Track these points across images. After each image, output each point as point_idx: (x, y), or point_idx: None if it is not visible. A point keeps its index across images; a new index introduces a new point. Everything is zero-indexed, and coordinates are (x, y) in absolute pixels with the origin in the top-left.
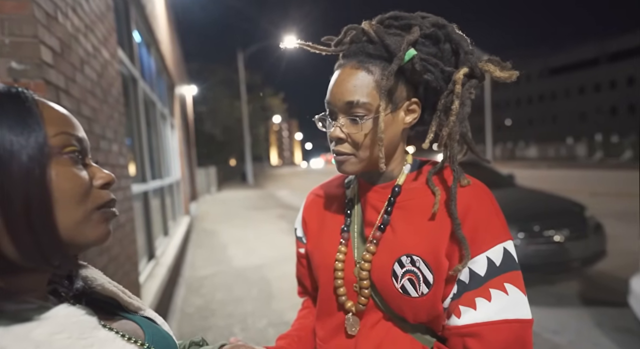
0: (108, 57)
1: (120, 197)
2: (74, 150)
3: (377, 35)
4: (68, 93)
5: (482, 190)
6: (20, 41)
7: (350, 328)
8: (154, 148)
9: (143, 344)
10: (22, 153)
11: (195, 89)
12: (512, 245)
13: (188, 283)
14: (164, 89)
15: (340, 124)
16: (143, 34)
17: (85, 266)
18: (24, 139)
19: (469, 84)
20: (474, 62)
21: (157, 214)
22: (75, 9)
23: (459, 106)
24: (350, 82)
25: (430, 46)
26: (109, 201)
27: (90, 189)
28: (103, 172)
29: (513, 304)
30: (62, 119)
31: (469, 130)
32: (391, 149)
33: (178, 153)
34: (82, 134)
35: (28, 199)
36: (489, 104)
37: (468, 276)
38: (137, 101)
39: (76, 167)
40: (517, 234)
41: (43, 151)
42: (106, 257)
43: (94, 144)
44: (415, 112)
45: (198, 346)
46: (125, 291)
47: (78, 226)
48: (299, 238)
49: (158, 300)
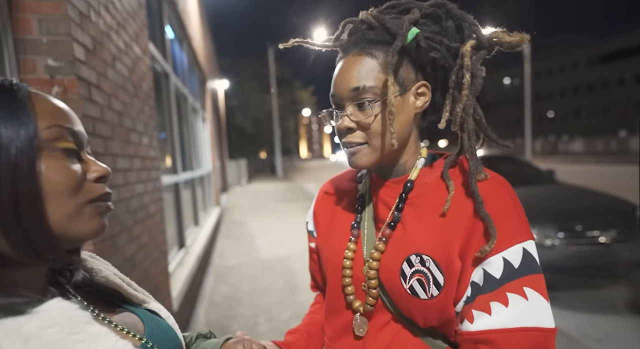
0: (139, 53)
1: (150, 188)
2: (67, 143)
3: (377, 20)
4: (99, 88)
5: (501, 184)
6: (56, 40)
7: (357, 329)
8: (185, 141)
9: (141, 339)
10: (11, 146)
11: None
12: (534, 246)
13: (217, 271)
14: (196, 83)
15: (349, 113)
16: (176, 30)
17: (92, 258)
18: (13, 131)
19: (478, 55)
20: (479, 32)
21: (187, 204)
22: (107, 7)
23: (470, 79)
24: (355, 69)
25: (432, 25)
26: (102, 194)
27: (83, 182)
28: (98, 165)
29: (533, 310)
30: (55, 112)
31: (483, 117)
32: (404, 136)
33: (209, 146)
34: (77, 127)
35: (16, 193)
36: (528, 94)
37: (482, 277)
38: (168, 95)
39: (68, 161)
40: (556, 233)
41: (32, 143)
42: (135, 245)
43: (124, 137)
44: (425, 95)
45: (205, 338)
46: (132, 283)
47: (70, 219)
48: (310, 232)
49: (187, 288)
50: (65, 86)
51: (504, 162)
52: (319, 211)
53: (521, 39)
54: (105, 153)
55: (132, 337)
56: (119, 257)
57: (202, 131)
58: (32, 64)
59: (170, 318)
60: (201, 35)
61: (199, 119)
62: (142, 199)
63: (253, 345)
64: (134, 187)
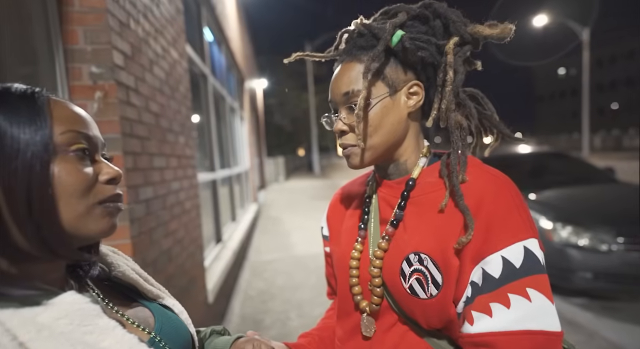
0: (177, 56)
1: (186, 185)
2: (81, 147)
3: (365, 27)
4: (137, 92)
5: (500, 182)
6: (98, 48)
7: (365, 329)
8: (222, 140)
9: (150, 333)
10: (28, 150)
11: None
12: (536, 244)
13: (253, 266)
14: (234, 83)
15: (342, 116)
16: (214, 32)
17: (114, 253)
18: (30, 136)
19: (463, 50)
20: (462, 29)
21: (225, 201)
22: (146, 15)
23: (453, 75)
24: (345, 75)
25: (420, 26)
26: (112, 195)
27: (94, 184)
28: (110, 168)
29: (537, 312)
30: (71, 118)
31: (494, 112)
32: (397, 135)
33: (247, 144)
34: (93, 132)
35: (30, 193)
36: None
37: (481, 277)
38: (207, 96)
39: (81, 164)
40: (614, 238)
41: (47, 147)
42: (171, 239)
43: (160, 137)
44: (418, 94)
45: (219, 334)
46: (149, 278)
47: (80, 219)
48: (324, 237)
49: (223, 281)
50: (106, 91)
51: (554, 159)
52: (331, 215)
53: (502, 30)
54: (142, 152)
55: (141, 331)
56: (155, 250)
57: (239, 129)
58: (79, 71)
59: (183, 313)
60: (239, 37)
61: (236, 118)
62: (178, 195)
63: (262, 346)
64: (170, 184)
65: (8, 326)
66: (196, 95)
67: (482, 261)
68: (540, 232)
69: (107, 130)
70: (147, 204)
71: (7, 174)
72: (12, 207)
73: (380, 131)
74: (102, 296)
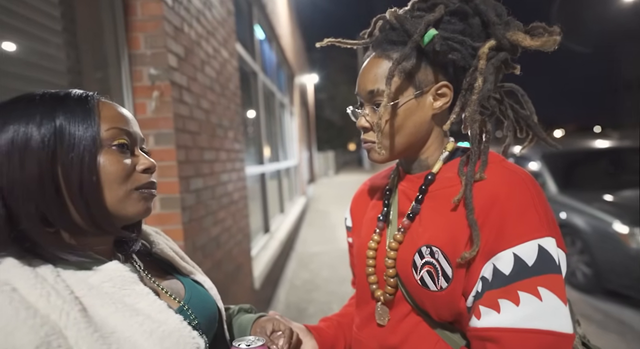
0: (227, 56)
1: (234, 178)
2: (122, 142)
3: (397, 21)
4: (189, 90)
5: (518, 178)
6: (156, 52)
7: (379, 317)
8: (271, 134)
9: (179, 302)
10: (80, 144)
11: (315, 78)
12: (553, 243)
13: (299, 257)
14: (284, 79)
15: (365, 113)
16: (265, 30)
17: (156, 233)
18: (82, 133)
19: (497, 57)
20: (500, 33)
21: (273, 193)
22: (199, 19)
23: (482, 83)
24: (372, 71)
25: (457, 23)
26: (147, 183)
27: (132, 173)
28: (146, 159)
29: (548, 312)
30: (115, 117)
31: (533, 112)
32: (419, 136)
33: (296, 139)
34: (133, 129)
35: (82, 179)
36: None
37: (491, 273)
38: (256, 93)
39: (122, 155)
40: None
41: (95, 142)
42: (219, 227)
43: (211, 132)
44: (446, 96)
45: (247, 312)
46: (184, 257)
47: (120, 202)
48: (347, 228)
49: (269, 269)
50: (162, 91)
51: (633, 155)
52: (355, 207)
53: (544, 43)
54: (193, 146)
55: (173, 299)
56: (204, 236)
57: (289, 124)
58: (140, 73)
59: (212, 289)
60: (290, 33)
61: (286, 113)
62: (227, 187)
63: (281, 325)
64: (219, 176)
65: (68, 283)
66: (246, 92)
67: (493, 257)
68: (613, 237)
69: (162, 126)
70: (197, 194)
71: (66, 164)
72: (69, 190)
73: (402, 132)
74: (143, 268)
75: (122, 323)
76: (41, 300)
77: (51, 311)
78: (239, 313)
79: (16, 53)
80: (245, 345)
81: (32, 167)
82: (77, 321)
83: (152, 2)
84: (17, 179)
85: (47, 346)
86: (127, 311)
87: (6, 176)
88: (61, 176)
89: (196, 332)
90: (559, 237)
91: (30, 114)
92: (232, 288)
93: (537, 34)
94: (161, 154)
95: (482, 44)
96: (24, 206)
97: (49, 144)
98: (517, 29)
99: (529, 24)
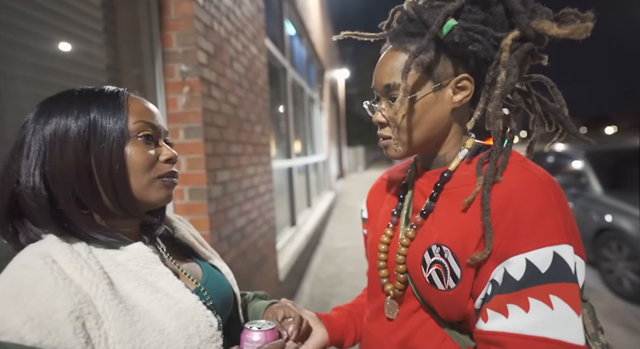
0: (256, 52)
1: (260, 171)
2: (147, 133)
3: (415, 11)
4: (218, 86)
5: (537, 181)
6: (187, 49)
7: (388, 311)
8: (300, 129)
9: (197, 283)
10: (111, 135)
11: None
12: (570, 251)
13: (325, 252)
14: (314, 74)
15: (382, 108)
16: (296, 26)
17: (179, 220)
18: (112, 126)
19: (521, 49)
20: (524, 22)
21: (301, 187)
22: (228, 16)
23: (505, 77)
24: (389, 65)
25: (479, 12)
26: (169, 172)
27: (155, 162)
28: (169, 150)
29: (559, 321)
30: (142, 111)
31: (564, 105)
32: (438, 131)
33: (325, 134)
34: (157, 122)
35: (111, 167)
36: None
37: (502, 277)
38: (285, 88)
39: (147, 146)
40: None
41: (123, 134)
42: (245, 219)
43: (238, 126)
44: (466, 89)
45: (261, 299)
46: (204, 243)
47: (144, 189)
48: (363, 219)
49: (294, 262)
50: (192, 86)
51: None
52: (371, 199)
53: (572, 31)
54: (221, 140)
55: (191, 281)
56: (230, 227)
57: (318, 119)
58: (172, 70)
59: (229, 275)
60: (321, 28)
61: (315, 108)
62: (253, 180)
63: (291, 312)
64: (246, 169)
65: (98, 259)
66: (275, 87)
67: (504, 261)
68: None
69: (192, 120)
70: (223, 186)
71: (98, 153)
72: (100, 176)
73: (419, 127)
74: (165, 251)
75: (143, 298)
76: (75, 272)
77: (83, 282)
78: (254, 299)
79: (64, 53)
80: (257, 328)
81: (70, 155)
82: (104, 292)
83: (184, 1)
84: (58, 166)
85: (79, 312)
86: (148, 288)
87: (49, 162)
88: (94, 164)
89: (210, 312)
90: (578, 245)
91: (69, 108)
92: (256, 278)
93: (567, 20)
94: (190, 147)
95: (505, 35)
96: (62, 189)
97: (84, 135)
98: (544, 17)
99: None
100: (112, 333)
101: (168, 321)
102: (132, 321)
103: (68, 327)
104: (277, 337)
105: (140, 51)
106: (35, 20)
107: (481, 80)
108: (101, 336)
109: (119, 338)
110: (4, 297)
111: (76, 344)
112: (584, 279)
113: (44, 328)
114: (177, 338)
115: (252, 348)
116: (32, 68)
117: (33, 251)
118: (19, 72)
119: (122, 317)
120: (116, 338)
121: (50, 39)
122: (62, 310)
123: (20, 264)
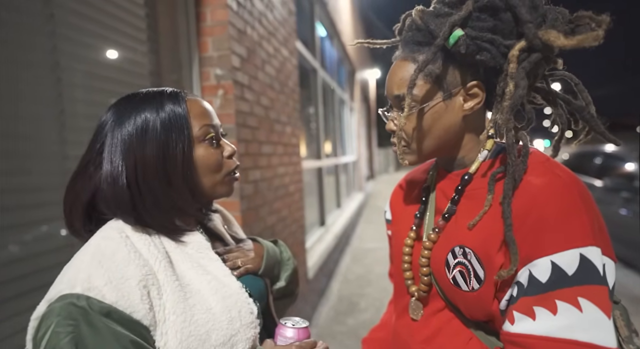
0: (287, 54)
1: (290, 171)
2: (211, 135)
3: (422, 21)
4: (250, 88)
5: (562, 182)
6: (221, 54)
7: (412, 312)
8: (330, 130)
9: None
10: (179, 145)
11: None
12: (598, 253)
13: (354, 253)
14: (344, 75)
15: (393, 117)
16: (326, 27)
17: (218, 211)
18: (178, 135)
19: (529, 60)
20: (531, 32)
21: (330, 188)
22: (260, 21)
23: (513, 89)
24: (398, 75)
25: (487, 19)
26: (235, 167)
27: (222, 160)
28: (229, 145)
29: (588, 324)
30: (203, 114)
31: (590, 103)
32: (449, 138)
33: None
34: (215, 121)
35: (184, 172)
36: None
37: (527, 279)
38: (316, 89)
39: (212, 148)
40: None
41: (191, 140)
42: (275, 217)
43: (269, 127)
44: (477, 96)
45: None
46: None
47: (214, 186)
48: (387, 221)
49: (323, 261)
50: (226, 89)
51: None
52: (394, 200)
53: (579, 41)
54: (253, 140)
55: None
56: (260, 224)
57: (348, 120)
58: (207, 74)
59: None
60: (352, 29)
61: (346, 109)
62: (283, 179)
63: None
64: (276, 169)
65: (162, 240)
66: (306, 88)
67: (529, 264)
68: None
69: (225, 121)
70: (255, 185)
71: (171, 159)
72: (175, 179)
73: (430, 135)
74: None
75: (195, 278)
76: (144, 248)
77: (150, 257)
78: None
79: (112, 61)
80: (291, 324)
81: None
82: (165, 268)
83: (219, 8)
84: (139, 159)
85: (145, 281)
86: (200, 270)
87: (133, 154)
88: (168, 165)
89: (251, 299)
90: (607, 245)
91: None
92: None
93: (582, 24)
94: None
95: (513, 43)
96: (144, 183)
97: (163, 130)
98: (553, 23)
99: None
100: (169, 305)
101: (215, 302)
102: (185, 297)
103: (137, 293)
104: (309, 336)
105: (179, 57)
106: (87, 32)
107: (493, 88)
108: (161, 305)
109: (173, 309)
110: (92, 260)
111: (142, 309)
112: (614, 281)
113: (120, 290)
114: (221, 319)
115: (284, 342)
116: (85, 76)
117: (112, 226)
118: (76, 80)
119: (177, 292)
120: (171, 310)
121: (100, 49)
122: (133, 278)
123: (102, 236)
